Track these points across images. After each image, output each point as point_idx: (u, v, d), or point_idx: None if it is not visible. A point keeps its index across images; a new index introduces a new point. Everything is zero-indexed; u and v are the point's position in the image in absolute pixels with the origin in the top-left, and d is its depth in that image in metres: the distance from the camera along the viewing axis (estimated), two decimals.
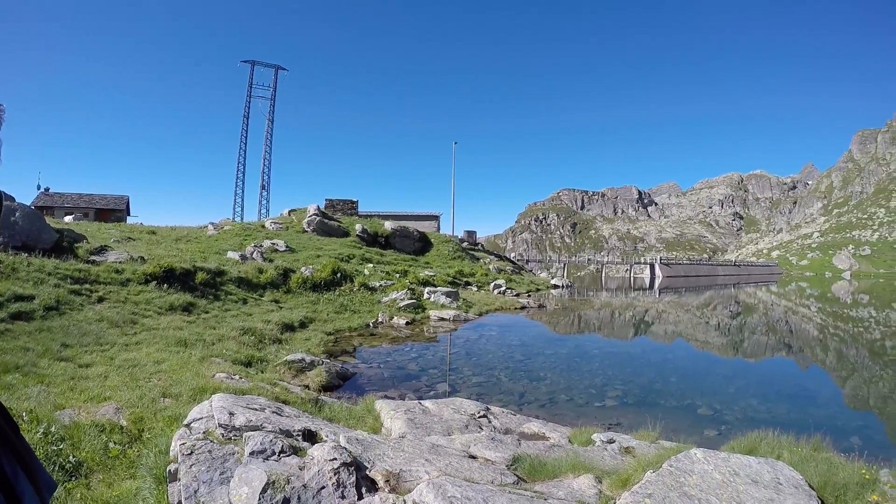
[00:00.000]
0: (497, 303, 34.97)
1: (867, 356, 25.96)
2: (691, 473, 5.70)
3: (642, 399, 15.08)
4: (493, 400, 13.31)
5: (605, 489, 5.97)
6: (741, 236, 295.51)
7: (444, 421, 9.24)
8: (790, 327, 37.25)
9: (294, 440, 6.16)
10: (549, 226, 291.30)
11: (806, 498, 5.44)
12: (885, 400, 17.81)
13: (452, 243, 57.32)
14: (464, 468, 6.16)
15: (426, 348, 20.32)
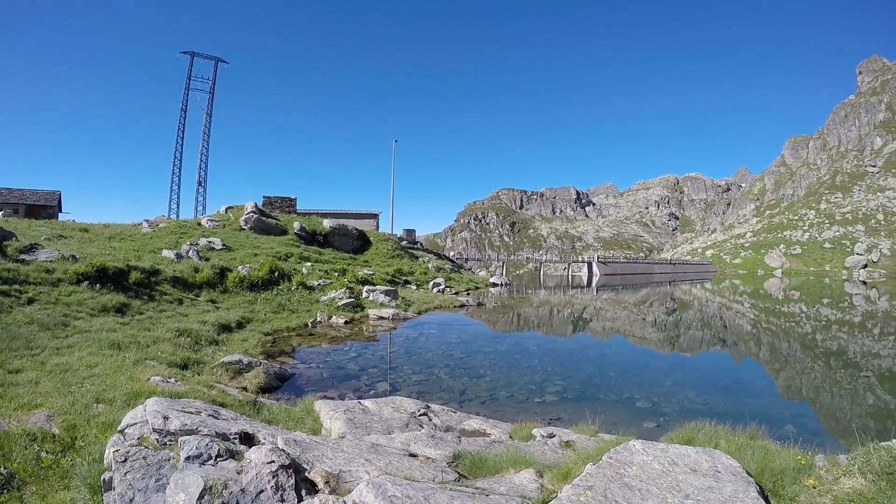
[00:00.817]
0: (436, 301, 34.92)
1: (798, 349, 26.75)
2: (631, 465, 5.75)
3: (582, 394, 15.23)
4: (434, 398, 13.29)
5: (547, 483, 5.99)
6: (677, 236, 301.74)
7: (384, 420, 9.18)
8: (724, 322, 38.12)
9: (231, 443, 6.02)
10: (489, 225, 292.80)
11: (744, 485, 5.54)
12: (816, 390, 18.39)
13: (391, 242, 57.15)
14: (404, 467, 6.12)
15: (366, 347, 20.12)
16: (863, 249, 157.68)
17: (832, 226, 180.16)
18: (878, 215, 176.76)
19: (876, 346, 27.69)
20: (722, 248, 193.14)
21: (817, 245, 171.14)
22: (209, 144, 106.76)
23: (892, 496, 5.16)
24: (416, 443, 7.57)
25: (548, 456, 7.37)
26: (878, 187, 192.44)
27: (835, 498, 5.44)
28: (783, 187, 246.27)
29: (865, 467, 5.73)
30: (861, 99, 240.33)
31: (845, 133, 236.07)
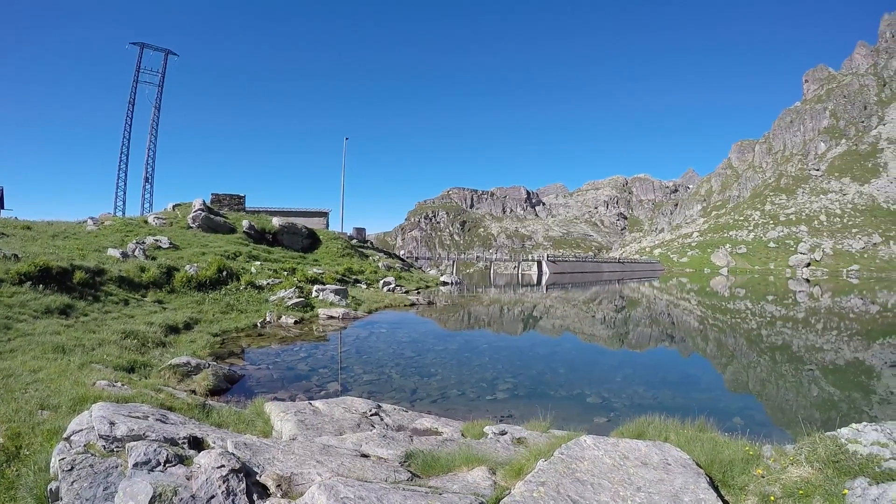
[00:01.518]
0: (387, 300, 34.79)
1: (744, 344, 27.32)
2: (582, 460, 5.78)
3: (533, 391, 15.32)
4: (385, 397, 13.24)
5: (500, 480, 6.00)
6: (625, 235, 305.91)
7: (335, 421, 9.11)
8: (672, 319, 38.68)
9: (180, 448, 5.91)
10: (439, 224, 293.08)
11: (694, 476, 5.62)
12: (762, 383, 18.86)
13: (341, 240, 56.72)
14: (356, 468, 6.07)
15: (316, 347, 19.94)
16: (806, 249, 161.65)
17: (776, 226, 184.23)
18: (820, 216, 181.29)
19: (819, 340, 28.42)
20: (669, 248, 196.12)
21: (762, 244, 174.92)
22: (157, 139, 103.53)
23: (839, 483, 5.31)
24: (367, 443, 7.51)
25: (500, 453, 7.36)
26: (821, 190, 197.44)
27: (783, 486, 5.58)
28: (729, 189, 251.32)
29: (812, 456, 5.90)
30: (806, 106, 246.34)
31: (790, 138, 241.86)
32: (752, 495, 5.70)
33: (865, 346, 26.79)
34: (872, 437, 6.07)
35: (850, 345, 27.32)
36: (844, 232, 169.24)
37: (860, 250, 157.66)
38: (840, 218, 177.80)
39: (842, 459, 5.75)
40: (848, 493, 5.16)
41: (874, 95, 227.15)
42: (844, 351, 25.34)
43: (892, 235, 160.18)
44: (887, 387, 18.38)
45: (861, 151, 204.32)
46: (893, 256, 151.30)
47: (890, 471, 5.40)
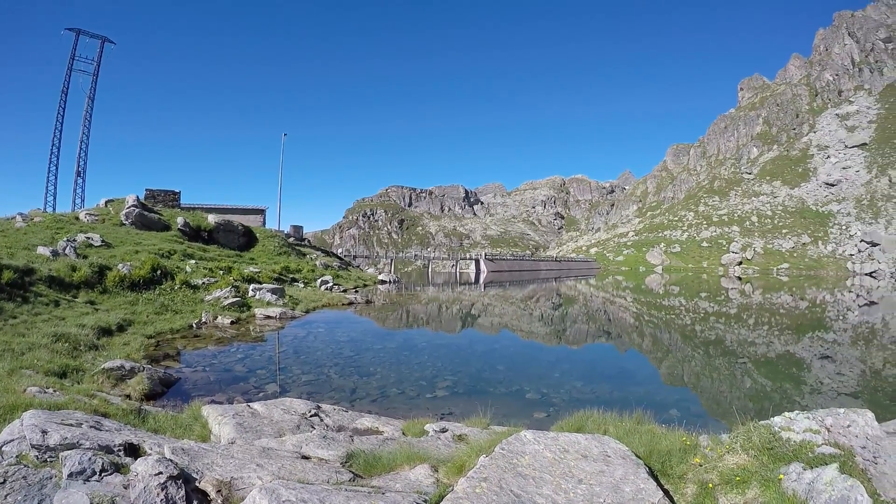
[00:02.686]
0: (324, 299, 34.50)
1: (679, 339, 27.98)
2: (523, 454, 5.81)
3: (472, 388, 15.39)
4: (325, 398, 13.13)
5: (442, 477, 6.03)
6: (562, 234, 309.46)
7: (274, 423, 9.02)
8: (608, 316, 39.31)
9: (116, 456, 5.76)
10: (377, 222, 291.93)
11: (634, 467, 5.71)
12: (697, 376, 19.41)
13: (278, 238, 55.91)
14: (297, 470, 6.01)
15: (253, 348, 19.64)
16: (738, 248, 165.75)
17: (710, 226, 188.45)
18: (752, 217, 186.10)
19: (751, 335, 29.27)
20: (605, 247, 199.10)
21: (695, 244, 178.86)
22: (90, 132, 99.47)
23: (775, 469, 5.49)
24: (308, 444, 7.45)
25: (442, 450, 7.38)
26: (752, 192, 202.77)
27: (721, 474, 5.73)
28: (664, 190, 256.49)
29: (747, 444, 6.09)
30: (741, 112, 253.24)
31: (724, 143, 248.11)
32: (691, 483, 5.84)
33: (795, 340, 27.71)
34: (804, 425, 6.28)
35: (781, 338, 28.23)
36: (775, 232, 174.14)
37: (790, 249, 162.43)
38: (771, 219, 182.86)
39: (776, 446, 5.94)
40: (783, 478, 5.33)
41: (806, 105, 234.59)
42: (775, 344, 26.18)
43: (820, 236, 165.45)
44: (817, 377, 19.09)
45: (792, 157, 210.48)
46: (821, 255, 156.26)
47: (823, 456, 5.60)
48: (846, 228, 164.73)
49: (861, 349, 25.34)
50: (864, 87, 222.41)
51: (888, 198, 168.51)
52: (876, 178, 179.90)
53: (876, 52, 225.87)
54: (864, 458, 5.60)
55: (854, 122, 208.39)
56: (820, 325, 35.69)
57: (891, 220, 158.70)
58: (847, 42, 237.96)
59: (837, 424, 6.20)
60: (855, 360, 22.56)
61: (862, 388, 17.82)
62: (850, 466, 5.39)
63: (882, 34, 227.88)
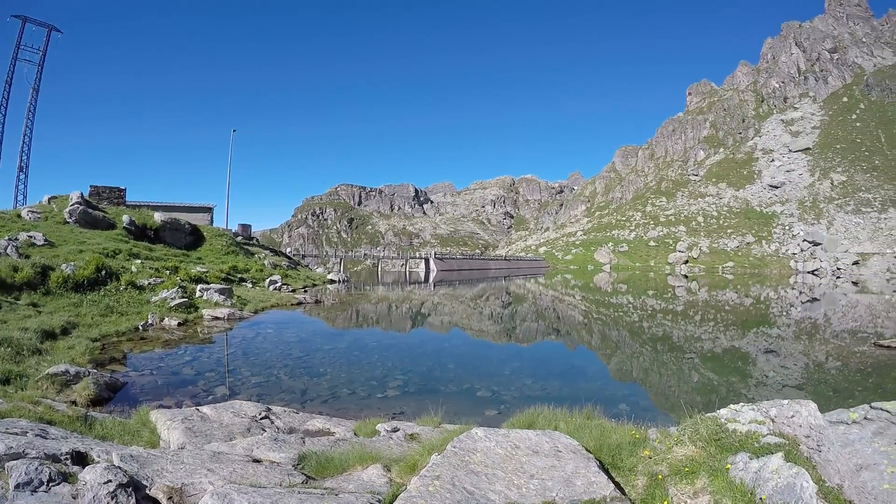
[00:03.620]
0: (273, 299, 34.17)
1: (627, 335, 28.43)
2: (475, 451, 5.85)
3: (423, 387, 15.48)
4: (275, 399, 13.03)
5: (395, 476, 6.04)
6: (511, 234, 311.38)
7: (224, 426, 8.93)
8: (558, 314, 39.70)
9: (64, 465, 5.61)
10: (327, 221, 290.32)
11: (585, 461, 5.81)
12: (645, 371, 19.83)
13: (226, 237, 55.05)
14: (249, 473, 5.95)
15: (201, 350, 19.30)
16: (684, 247, 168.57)
17: (657, 226, 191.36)
18: (698, 218, 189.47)
19: (697, 330, 29.92)
20: (554, 246, 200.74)
21: (643, 243, 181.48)
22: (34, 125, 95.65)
23: (722, 459, 5.67)
24: (259, 447, 7.39)
25: (394, 450, 7.37)
26: (699, 194, 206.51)
27: (670, 465, 5.88)
28: (613, 191, 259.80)
29: (695, 436, 6.25)
30: (689, 116, 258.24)
31: (672, 145, 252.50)
32: (641, 475, 5.97)
33: (741, 335, 28.39)
34: (750, 416, 6.49)
35: (727, 334, 28.91)
36: (720, 232, 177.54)
37: (735, 249, 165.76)
38: (716, 219, 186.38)
39: (723, 437, 6.13)
40: (731, 468, 5.51)
41: (752, 110, 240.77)
42: (721, 339, 26.77)
43: (764, 236, 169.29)
44: (762, 371, 19.65)
45: (737, 160, 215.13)
46: (765, 254, 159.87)
47: (768, 445, 5.79)
48: (789, 229, 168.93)
49: (804, 343, 26.10)
50: (809, 95, 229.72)
51: (830, 200, 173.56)
52: (818, 181, 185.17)
53: (822, 61, 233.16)
54: (808, 447, 5.80)
55: (798, 127, 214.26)
56: (764, 320, 36.60)
57: (832, 221, 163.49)
58: (794, 51, 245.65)
59: (782, 415, 6.41)
60: (798, 354, 23.26)
61: (806, 380, 18.43)
62: (795, 455, 5.59)
63: (828, 45, 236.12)
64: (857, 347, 24.47)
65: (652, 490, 5.64)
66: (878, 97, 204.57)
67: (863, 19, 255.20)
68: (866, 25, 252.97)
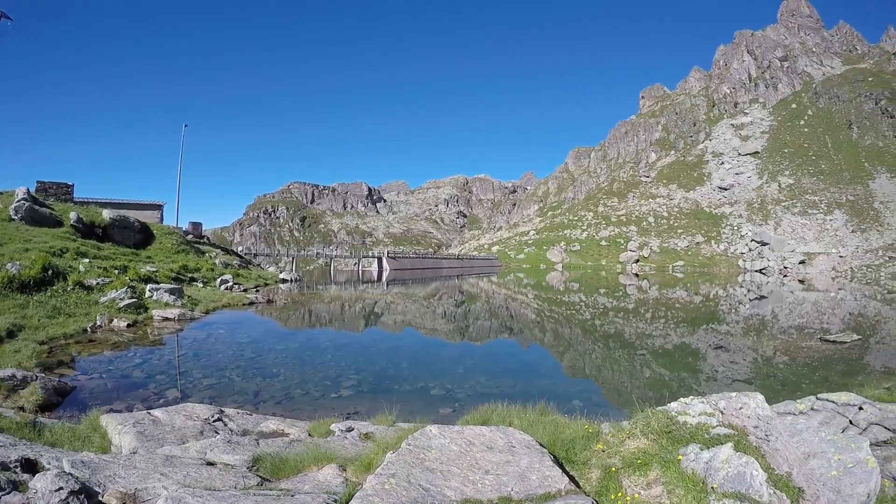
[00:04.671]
0: (224, 299, 33.75)
1: (580, 333, 28.83)
2: (430, 449, 5.88)
3: (377, 386, 15.54)
4: (228, 401, 12.92)
5: (351, 476, 6.06)
6: (464, 233, 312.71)
7: (176, 429, 8.83)
8: (510, 312, 40.00)
9: (13, 473, 5.48)
10: (279, 219, 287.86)
11: (539, 456, 5.89)
12: (598, 368, 20.24)
13: (176, 236, 54.09)
14: (203, 477, 5.90)
15: (151, 352, 18.93)
16: (635, 247, 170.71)
17: (608, 226, 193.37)
18: (649, 218, 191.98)
19: (649, 328, 30.41)
20: (507, 245, 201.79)
21: (595, 243, 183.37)
22: None
23: (674, 451, 5.82)
24: (212, 450, 7.33)
25: (349, 449, 7.40)
26: (650, 195, 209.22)
27: (623, 458, 6.02)
28: (565, 191, 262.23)
29: (647, 429, 6.41)
30: (641, 119, 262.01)
31: (624, 147, 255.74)
32: (594, 468, 6.10)
33: (691, 332, 28.99)
34: (700, 409, 6.68)
35: (678, 331, 29.47)
36: (671, 232, 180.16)
37: (685, 248, 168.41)
38: (667, 220, 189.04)
39: (674, 430, 6.29)
40: (682, 459, 5.65)
41: (703, 114, 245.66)
42: (672, 336, 27.29)
43: (713, 236, 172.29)
44: (712, 366, 20.14)
45: (688, 162, 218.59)
46: (714, 254, 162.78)
47: (718, 436, 5.95)
48: (738, 229, 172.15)
49: (753, 339, 26.79)
50: (759, 101, 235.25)
51: (777, 202, 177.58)
52: (766, 183, 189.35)
53: (772, 69, 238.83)
54: (757, 437, 5.98)
55: (748, 132, 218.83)
56: (714, 318, 37.37)
57: (779, 222, 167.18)
58: (746, 59, 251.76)
59: (730, 407, 6.61)
60: (747, 350, 23.89)
61: (755, 374, 19.03)
62: (745, 445, 5.74)
63: (779, 53, 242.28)
64: (804, 343, 25.22)
65: (606, 482, 5.76)
66: (826, 105, 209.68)
67: (813, 30, 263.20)
68: (817, 36, 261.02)
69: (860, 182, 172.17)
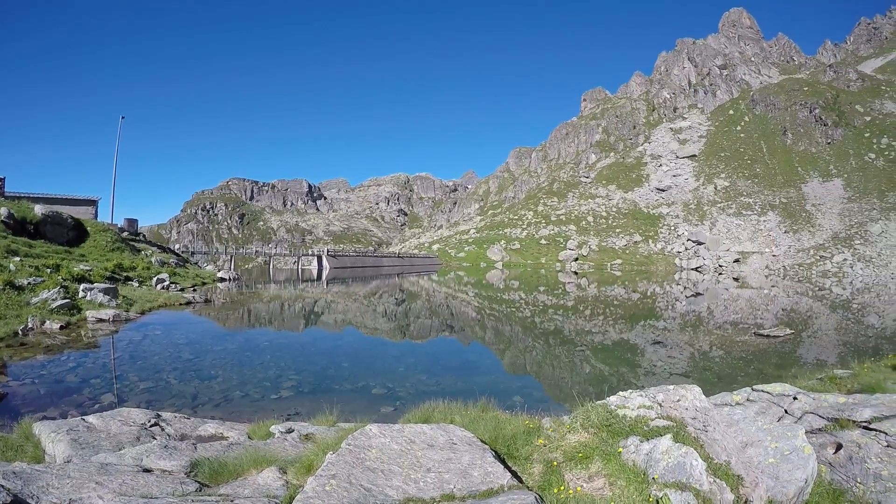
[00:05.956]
0: (161, 299, 33.13)
1: (520, 330, 29.16)
2: (370, 448, 5.86)
3: (317, 386, 15.52)
4: (165, 405, 12.69)
5: (291, 478, 6.00)
6: (405, 231, 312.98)
7: (112, 436, 8.64)
8: (451, 310, 40.20)
9: None
10: (217, 216, 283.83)
11: (480, 452, 5.92)
12: (539, 365, 20.56)
13: (111, 233, 52.76)
14: (140, 484, 5.76)
15: (86, 356, 18.41)
16: (574, 245, 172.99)
17: (548, 225, 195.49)
18: (588, 218, 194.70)
19: (588, 324, 30.98)
20: (447, 243, 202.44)
21: (534, 241, 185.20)
22: None
23: (614, 443, 5.97)
24: (149, 456, 7.18)
25: (289, 451, 7.35)
26: (589, 195, 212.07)
27: (564, 452, 6.12)
28: (506, 190, 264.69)
29: (587, 423, 6.56)
30: (582, 121, 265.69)
31: (565, 148, 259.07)
32: (537, 463, 6.17)
33: (630, 328, 29.59)
34: (638, 402, 6.86)
35: (616, 327, 30.03)
36: (609, 231, 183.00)
37: (623, 247, 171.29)
38: (606, 219, 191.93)
39: (614, 423, 6.43)
40: (623, 451, 5.80)
41: (643, 118, 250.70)
42: (611, 332, 27.83)
43: (650, 235, 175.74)
44: (651, 361, 20.67)
45: (627, 164, 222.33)
46: (651, 252, 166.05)
47: (657, 428, 6.13)
48: (674, 229, 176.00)
49: (690, 334, 27.56)
50: (698, 107, 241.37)
51: (713, 203, 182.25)
52: (703, 185, 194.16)
53: (712, 76, 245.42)
54: (695, 428, 6.18)
55: (686, 136, 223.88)
56: (652, 314, 38.22)
57: (715, 223, 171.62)
58: (686, 65, 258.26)
59: (668, 399, 6.81)
60: (685, 345, 24.58)
61: (692, 368, 19.61)
62: (683, 436, 5.93)
63: (719, 61, 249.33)
64: (739, 337, 26.04)
65: (548, 476, 5.83)
66: (762, 112, 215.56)
67: (753, 40, 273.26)
68: (756, 46, 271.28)
69: (793, 186, 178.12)
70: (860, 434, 7.17)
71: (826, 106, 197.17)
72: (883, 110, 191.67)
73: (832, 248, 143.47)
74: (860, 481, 6.11)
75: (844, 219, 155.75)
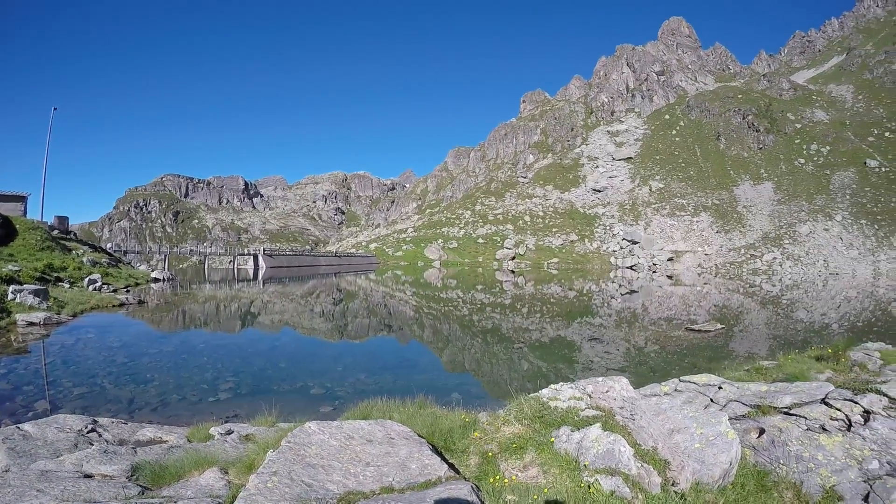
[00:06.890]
0: (93, 300, 32.40)
1: (458, 328, 29.45)
2: (310, 445, 6.01)
3: (256, 387, 15.47)
4: (101, 411, 12.50)
5: (233, 478, 6.11)
6: (342, 230, 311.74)
7: (49, 443, 8.57)
8: (389, 309, 40.28)
9: None
10: (151, 213, 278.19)
11: (418, 446, 6.16)
12: (477, 362, 20.86)
13: (42, 231, 51.04)
14: (82, 490, 5.80)
15: (17, 361, 17.95)
16: (512, 244, 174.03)
17: (486, 224, 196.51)
18: (525, 217, 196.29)
19: (525, 322, 31.46)
20: (385, 242, 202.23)
21: (472, 240, 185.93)
22: None
23: (546, 434, 6.33)
24: (89, 462, 7.16)
25: (230, 452, 7.42)
26: (527, 195, 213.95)
27: (499, 444, 6.43)
28: (444, 190, 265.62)
29: (520, 415, 6.94)
30: (521, 122, 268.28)
31: (503, 149, 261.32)
32: (473, 455, 6.44)
33: (566, 325, 30.17)
34: (569, 394, 7.27)
35: (553, 324, 30.62)
36: (546, 231, 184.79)
37: (559, 246, 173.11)
38: (543, 219, 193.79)
39: (546, 414, 6.83)
40: (555, 441, 6.15)
41: (581, 120, 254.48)
42: (548, 329, 28.36)
43: (586, 234, 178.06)
44: (587, 356, 21.23)
45: (565, 165, 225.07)
46: (587, 251, 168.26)
47: (587, 418, 6.54)
48: (610, 228, 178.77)
49: (625, 330, 28.30)
50: (635, 111, 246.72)
51: (648, 204, 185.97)
52: (638, 187, 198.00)
53: (649, 82, 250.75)
54: (623, 417, 6.60)
55: (623, 139, 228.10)
56: (588, 311, 39.03)
57: (649, 223, 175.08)
58: (625, 71, 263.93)
59: (598, 391, 7.22)
60: (620, 340, 25.26)
61: (627, 362, 20.24)
62: (612, 424, 6.34)
63: (657, 68, 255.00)
64: (673, 332, 26.85)
65: (484, 467, 6.11)
66: (697, 117, 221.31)
67: (691, 49, 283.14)
68: (693, 54, 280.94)
69: (725, 188, 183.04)
70: (781, 419, 7.61)
71: (759, 113, 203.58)
72: (813, 118, 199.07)
73: (762, 248, 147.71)
74: (783, 462, 6.51)
75: (774, 220, 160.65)
